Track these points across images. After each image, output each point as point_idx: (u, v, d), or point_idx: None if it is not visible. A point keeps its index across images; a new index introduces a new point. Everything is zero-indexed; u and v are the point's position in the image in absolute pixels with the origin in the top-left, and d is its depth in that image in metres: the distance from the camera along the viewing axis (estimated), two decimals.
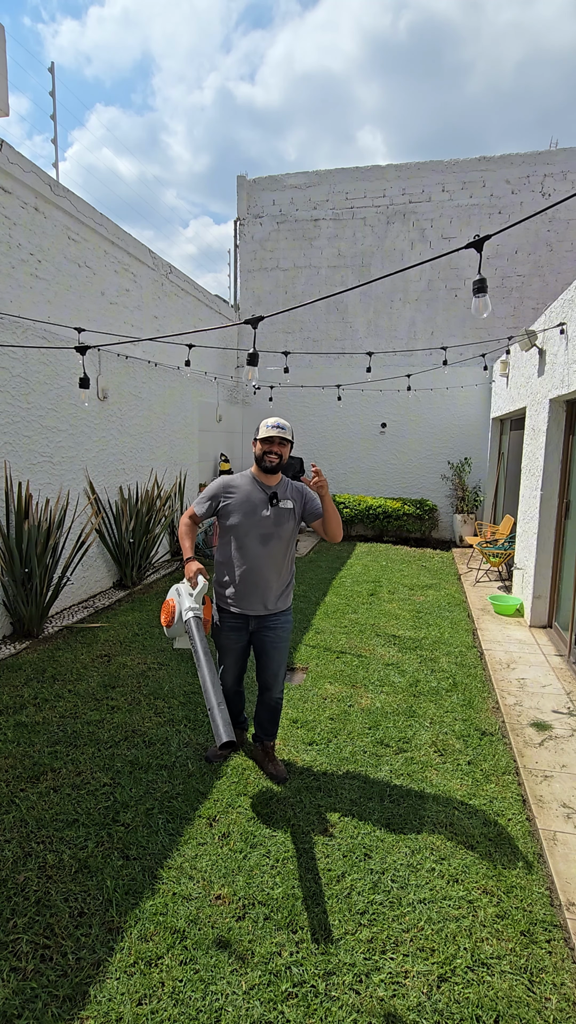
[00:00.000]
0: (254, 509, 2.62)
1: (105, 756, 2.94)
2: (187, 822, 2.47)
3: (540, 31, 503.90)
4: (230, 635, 2.75)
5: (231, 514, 2.64)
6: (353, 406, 9.82)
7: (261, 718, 2.87)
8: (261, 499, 2.64)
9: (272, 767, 2.84)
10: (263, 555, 2.63)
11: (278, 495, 2.65)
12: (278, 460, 2.61)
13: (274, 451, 2.60)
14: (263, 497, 2.64)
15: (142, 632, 4.75)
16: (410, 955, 1.88)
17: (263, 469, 2.64)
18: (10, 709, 3.41)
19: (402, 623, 5.20)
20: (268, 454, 2.60)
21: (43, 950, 1.87)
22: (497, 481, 8.74)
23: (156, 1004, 1.71)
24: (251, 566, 2.64)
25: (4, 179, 4.77)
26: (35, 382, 4.78)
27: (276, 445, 2.60)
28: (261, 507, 2.63)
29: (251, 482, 2.68)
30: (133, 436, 6.38)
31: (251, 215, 10.03)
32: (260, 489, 2.66)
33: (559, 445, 4.86)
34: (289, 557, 2.73)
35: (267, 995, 1.74)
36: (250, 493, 2.65)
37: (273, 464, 2.61)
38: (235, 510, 2.64)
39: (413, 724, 3.37)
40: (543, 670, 4.15)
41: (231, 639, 2.76)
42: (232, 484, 2.69)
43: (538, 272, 9.03)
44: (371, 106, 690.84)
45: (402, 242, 9.48)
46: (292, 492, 2.72)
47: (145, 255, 7.08)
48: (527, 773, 2.87)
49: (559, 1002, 1.75)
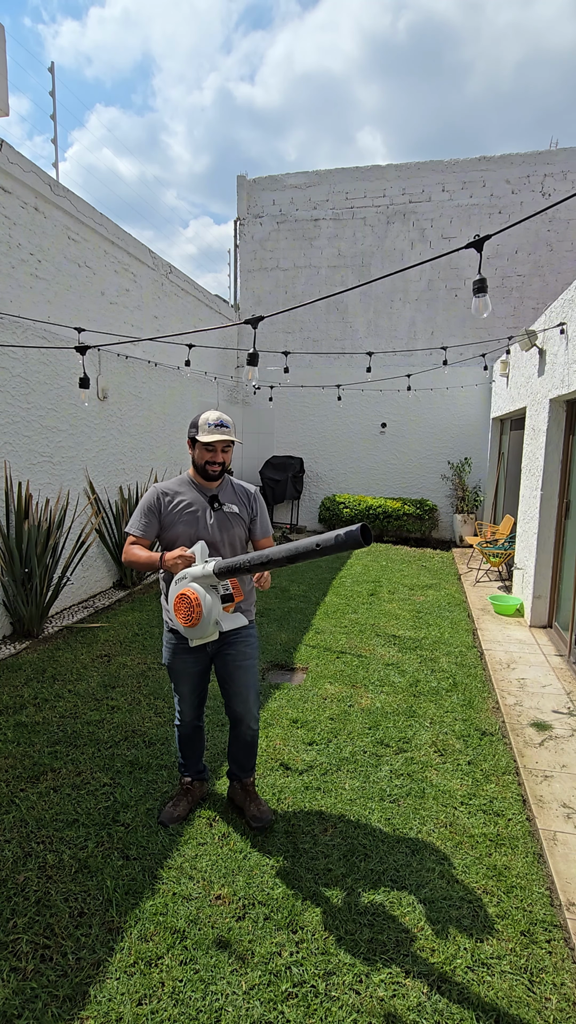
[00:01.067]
0: (195, 517, 2.30)
1: (105, 756, 2.94)
2: (187, 822, 2.47)
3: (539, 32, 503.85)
4: (185, 658, 2.37)
5: (172, 525, 2.31)
6: (353, 406, 9.82)
7: (236, 755, 2.52)
8: (203, 506, 2.33)
9: (255, 808, 2.46)
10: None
11: (219, 498, 2.36)
12: (220, 469, 2.31)
13: (217, 460, 2.28)
14: (203, 501, 2.34)
15: (142, 632, 4.75)
16: (410, 955, 1.88)
17: (204, 477, 2.34)
18: (10, 709, 3.41)
19: (402, 623, 5.20)
20: (210, 464, 2.28)
21: (43, 950, 1.87)
22: (497, 481, 8.74)
23: (156, 1004, 1.71)
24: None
25: (4, 179, 4.77)
26: (35, 382, 4.78)
27: (220, 452, 2.28)
28: (203, 513, 2.32)
29: (190, 487, 2.37)
30: (133, 436, 6.38)
31: (251, 215, 10.03)
32: (199, 492, 2.35)
33: (559, 445, 4.86)
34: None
35: (267, 995, 1.74)
36: (190, 499, 2.33)
37: (215, 473, 2.31)
38: (175, 520, 2.30)
39: (413, 724, 3.37)
40: (543, 670, 4.15)
41: (186, 663, 2.38)
42: (168, 490, 2.35)
43: (538, 272, 9.03)
44: (371, 107, 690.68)
45: (402, 242, 9.48)
46: (239, 495, 2.43)
47: (145, 255, 7.08)
48: (527, 773, 2.87)
49: (559, 1002, 1.75)
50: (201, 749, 2.62)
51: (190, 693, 2.45)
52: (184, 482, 2.39)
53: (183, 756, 2.58)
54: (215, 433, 2.26)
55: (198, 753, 2.60)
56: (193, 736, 2.56)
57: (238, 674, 2.36)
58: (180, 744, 2.57)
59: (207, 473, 2.32)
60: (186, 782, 2.58)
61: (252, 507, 2.44)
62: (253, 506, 2.45)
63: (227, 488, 2.42)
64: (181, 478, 2.42)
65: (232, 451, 2.39)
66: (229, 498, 2.39)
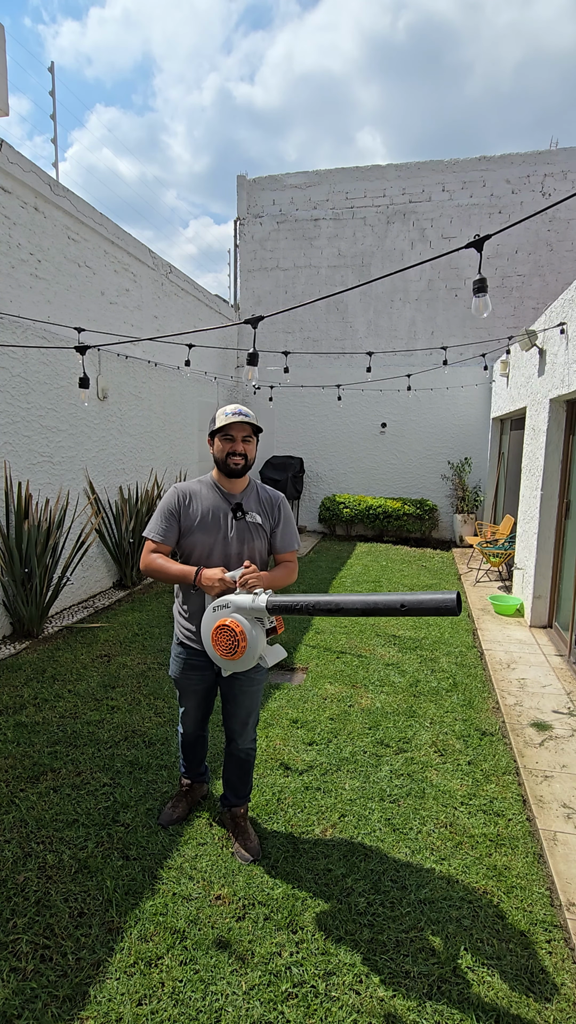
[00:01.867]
0: (216, 524, 2.12)
1: (105, 756, 2.94)
2: (187, 822, 2.47)
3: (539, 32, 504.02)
4: (191, 675, 2.25)
5: (190, 531, 2.12)
6: (353, 406, 9.82)
7: (229, 776, 2.39)
8: (222, 510, 2.14)
9: (243, 841, 2.30)
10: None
11: (243, 506, 2.14)
12: (243, 462, 2.10)
13: (239, 450, 2.08)
14: (225, 508, 2.14)
15: (142, 632, 4.75)
16: (410, 955, 1.88)
17: (225, 472, 2.13)
18: (10, 709, 3.41)
19: (402, 623, 5.19)
20: (232, 455, 2.08)
21: (43, 950, 1.87)
22: (497, 481, 8.74)
23: (156, 1004, 1.71)
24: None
25: (4, 179, 4.76)
26: (35, 382, 4.78)
27: (239, 442, 2.08)
28: (223, 520, 2.12)
29: (211, 489, 2.18)
30: (133, 436, 6.38)
31: (251, 215, 10.03)
32: (221, 497, 2.15)
33: (559, 445, 4.86)
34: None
35: (267, 995, 1.74)
36: (211, 504, 2.14)
37: (238, 467, 2.09)
38: (196, 525, 2.12)
39: (413, 724, 3.37)
40: (543, 670, 4.15)
41: (192, 679, 2.26)
42: (188, 491, 2.17)
43: (538, 272, 9.03)
44: (370, 107, 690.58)
45: (402, 242, 9.48)
46: (263, 504, 2.21)
47: (145, 255, 7.08)
48: (527, 773, 2.87)
49: (559, 1002, 1.74)
50: (203, 754, 2.57)
51: (194, 709, 2.35)
52: (207, 484, 2.20)
53: (184, 759, 2.55)
54: (232, 417, 2.05)
55: (200, 757, 2.56)
56: (196, 744, 2.51)
57: (242, 697, 2.24)
58: (182, 749, 2.53)
59: (229, 468, 2.10)
60: (185, 784, 2.56)
61: (275, 516, 2.22)
62: (276, 515, 2.22)
63: (252, 494, 2.21)
64: (204, 479, 2.22)
65: (255, 445, 2.16)
66: (253, 506, 2.18)
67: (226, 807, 2.42)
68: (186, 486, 2.19)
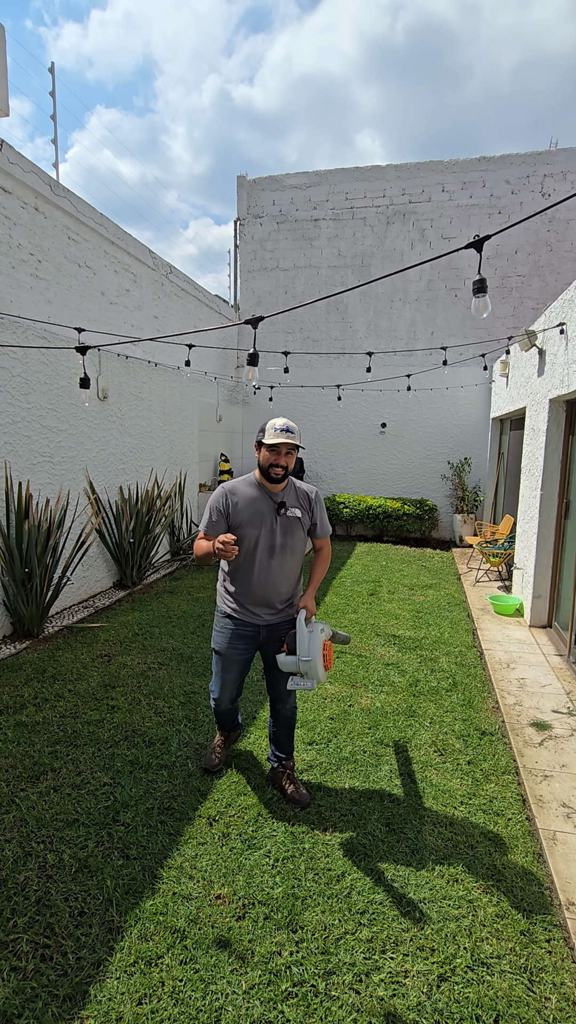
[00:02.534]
0: (261, 519, 2.44)
1: (105, 756, 2.95)
2: (187, 822, 2.47)
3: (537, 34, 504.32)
4: (237, 644, 2.56)
5: (238, 526, 2.44)
6: (353, 406, 9.82)
7: (277, 735, 2.71)
8: (269, 508, 2.45)
9: (295, 791, 2.64)
10: (273, 567, 2.48)
11: (287, 504, 2.47)
12: (284, 472, 2.40)
13: (281, 463, 2.38)
14: (271, 506, 2.45)
15: (142, 632, 4.75)
16: (410, 954, 1.89)
17: (268, 479, 2.45)
18: (10, 709, 3.41)
19: (402, 623, 5.20)
20: (274, 467, 2.38)
21: (43, 950, 1.87)
22: (497, 481, 8.74)
23: (156, 1003, 1.71)
24: (261, 578, 2.48)
25: (4, 179, 4.77)
26: (35, 382, 4.78)
27: (283, 456, 2.37)
28: (269, 517, 2.45)
29: (256, 488, 2.48)
30: (133, 436, 6.38)
31: (251, 215, 10.04)
32: (267, 497, 2.46)
33: (559, 445, 4.87)
34: (299, 564, 2.59)
35: (267, 995, 1.74)
36: (256, 501, 2.45)
37: (279, 476, 2.40)
38: (244, 521, 2.43)
39: (413, 724, 3.37)
40: (543, 670, 4.15)
41: (238, 648, 2.57)
42: (235, 491, 2.48)
43: (538, 272, 9.03)
44: (370, 109, 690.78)
45: (402, 242, 9.48)
46: (301, 499, 2.54)
47: (145, 255, 7.08)
48: (527, 773, 2.87)
49: (559, 1002, 1.75)
50: (236, 715, 2.92)
51: (232, 681, 2.65)
52: (251, 483, 2.50)
53: (219, 722, 2.89)
54: (280, 436, 2.35)
55: (234, 718, 2.91)
56: (229, 712, 2.82)
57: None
58: (218, 717, 2.86)
59: (270, 476, 2.41)
60: (221, 735, 2.92)
61: (312, 511, 2.57)
62: (313, 509, 2.57)
63: (290, 492, 2.53)
64: (248, 479, 2.52)
65: (295, 456, 2.45)
66: (292, 502, 2.50)
67: (277, 762, 2.74)
68: (232, 487, 2.51)
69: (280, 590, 2.53)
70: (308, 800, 2.61)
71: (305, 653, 2.35)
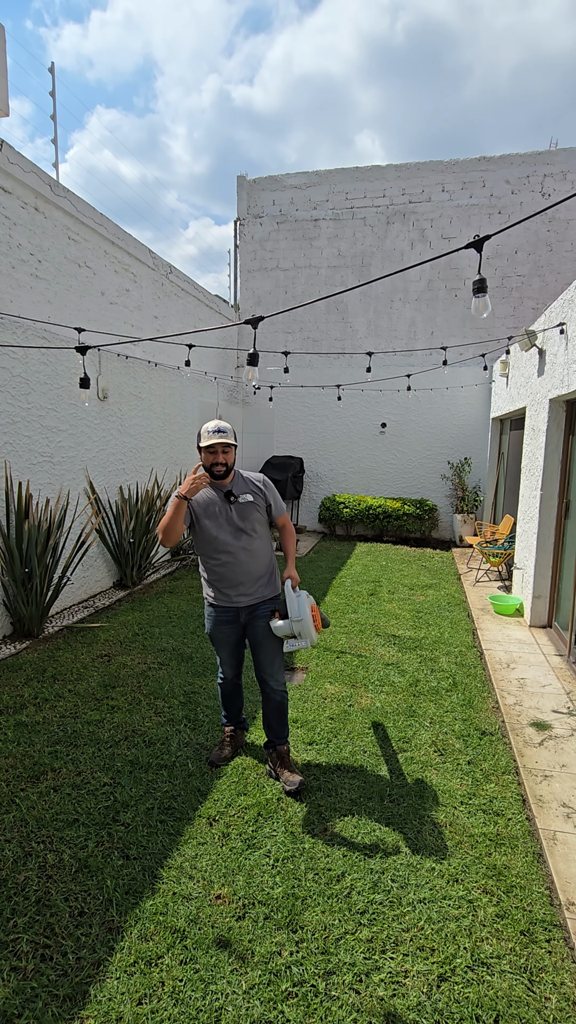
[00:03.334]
0: (217, 511, 2.70)
1: (105, 756, 2.95)
2: (187, 822, 2.47)
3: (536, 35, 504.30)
4: (222, 628, 2.81)
5: (198, 519, 2.71)
6: (353, 406, 9.82)
7: (269, 719, 2.84)
8: (221, 499, 2.71)
9: (289, 771, 2.75)
10: (238, 548, 2.71)
11: (234, 492, 2.72)
12: (225, 469, 2.66)
13: (219, 460, 2.64)
14: (219, 496, 2.72)
15: (142, 632, 4.75)
16: (410, 955, 1.89)
17: (213, 476, 2.69)
18: (10, 709, 3.41)
19: (402, 623, 5.20)
20: (215, 465, 2.65)
21: (43, 949, 1.87)
22: (497, 481, 8.74)
23: (156, 1003, 1.71)
24: (229, 560, 2.72)
25: (4, 179, 4.77)
26: (35, 382, 4.78)
27: (220, 454, 2.64)
28: (223, 507, 2.70)
29: (208, 487, 2.74)
30: (133, 436, 6.38)
31: (251, 215, 10.03)
32: (215, 489, 2.73)
33: (559, 445, 4.87)
34: (265, 545, 2.82)
35: (267, 994, 1.74)
36: (208, 497, 2.72)
37: (221, 473, 2.66)
38: (200, 515, 2.71)
39: (413, 724, 3.37)
40: (543, 670, 4.15)
41: (224, 632, 2.82)
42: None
43: (538, 272, 9.03)
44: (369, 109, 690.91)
45: (402, 242, 9.48)
46: (251, 485, 2.78)
47: (145, 255, 7.08)
48: (527, 773, 2.87)
49: (559, 1002, 1.75)
50: (240, 704, 3.07)
51: (229, 657, 2.89)
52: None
53: (225, 709, 3.04)
54: (213, 437, 2.63)
55: (238, 707, 3.05)
56: (233, 693, 3.01)
57: (266, 642, 2.76)
58: (223, 700, 3.03)
59: (214, 473, 2.67)
60: (228, 731, 3.02)
61: (264, 494, 2.81)
62: (265, 494, 2.81)
63: (239, 482, 2.77)
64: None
65: (233, 452, 2.71)
66: (242, 489, 2.74)
67: (271, 748, 2.86)
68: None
69: (251, 571, 2.75)
70: (301, 784, 2.69)
71: (296, 614, 2.65)
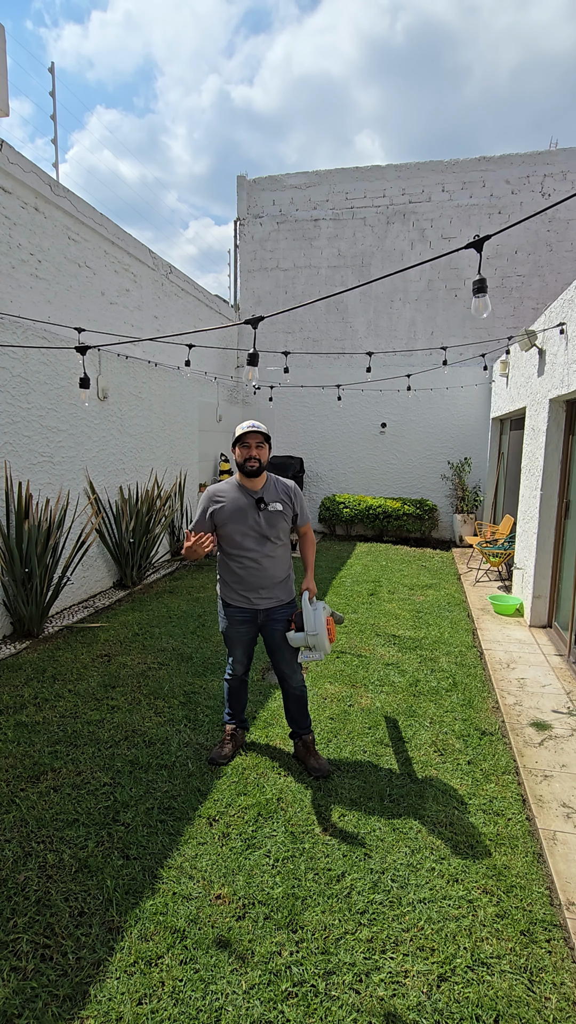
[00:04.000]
0: (244, 515, 2.67)
1: (105, 756, 2.95)
2: (187, 822, 2.47)
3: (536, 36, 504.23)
4: (239, 628, 2.83)
5: (224, 523, 2.69)
6: (353, 406, 9.82)
7: (291, 712, 2.94)
8: (250, 505, 2.68)
9: (315, 761, 2.86)
10: (261, 554, 2.72)
11: (265, 499, 2.70)
12: (258, 464, 2.64)
13: (253, 455, 2.62)
14: (250, 502, 2.69)
15: (142, 632, 4.75)
16: (410, 954, 1.89)
17: (245, 473, 2.67)
18: (10, 709, 3.41)
19: (402, 623, 5.20)
20: (248, 460, 2.62)
21: (43, 949, 1.87)
22: (497, 481, 8.74)
23: (156, 1003, 1.71)
24: (251, 565, 2.73)
25: (4, 179, 4.77)
26: (35, 382, 4.78)
27: (254, 448, 2.62)
28: (251, 512, 2.68)
29: (237, 489, 2.72)
30: (133, 436, 6.38)
31: (251, 215, 10.03)
32: (247, 495, 2.70)
33: (559, 445, 4.86)
34: (287, 551, 2.85)
35: (267, 994, 1.74)
36: (237, 500, 2.69)
37: (254, 468, 2.63)
38: (226, 519, 2.68)
39: (413, 724, 3.37)
40: (543, 670, 4.15)
41: (240, 632, 2.84)
42: (219, 492, 2.74)
43: (538, 272, 9.03)
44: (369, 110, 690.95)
45: (402, 242, 9.48)
46: (280, 494, 2.76)
47: (145, 255, 7.08)
48: (527, 773, 2.87)
49: (559, 1001, 1.75)
50: (245, 702, 3.09)
51: (242, 654, 2.92)
52: (233, 485, 2.75)
53: (230, 707, 3.05)
54: (246, 427, 2.61)
55: (242, 705, 3.07)
56: (239, 689, 3.03)
57: (284, 644, 2.81)
58: (228, 697, 3.04)
59: (246, 469, 2.64)
60: (230, 729, 3.03)
61: (293, 503, 2.80)
62: (294, 502, 2.80)
63: (271, 488, 2.75)
64: (232, 481, 2.77)
65: (267, 450, 2.68)
66: (272, 497, 2.73)
67: (296, 737, 2.96)
68: (217, 488, 2.77)
69: (272, 576, 2.78)
70: (327, 769, 2.82)
71: (312, 628, 2.69)
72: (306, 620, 2.70)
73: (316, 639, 2.69)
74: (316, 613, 2.71)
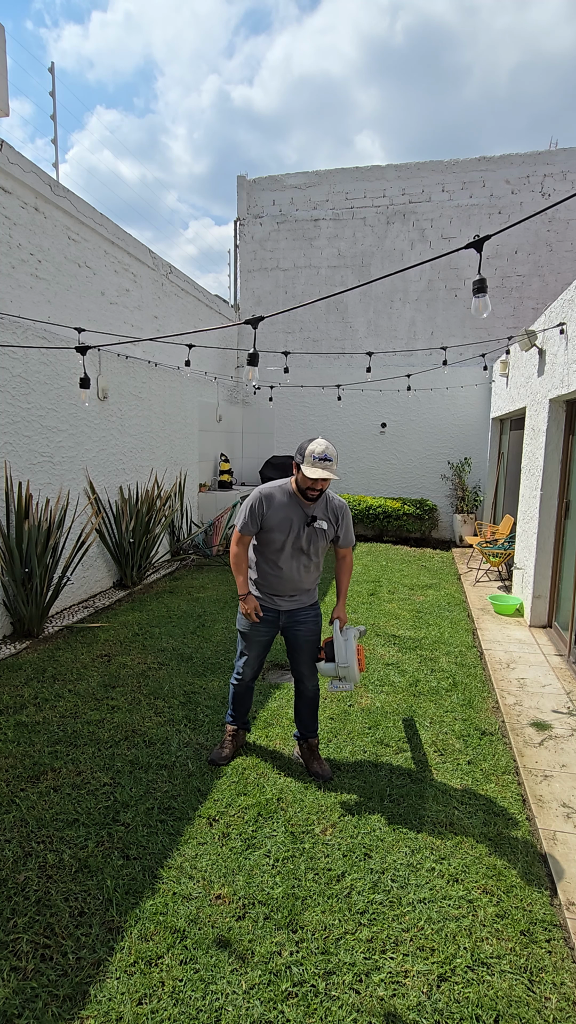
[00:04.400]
0: (290, 527, 2.67)
1: (105, 756, 2.95)
2: (187, 822, 2.47)
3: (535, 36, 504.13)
4: (258, 628, 2.83)
5: (271, 529, 2.69)
6: (353, 406, 9.82)
7: (301, 713, 2.92)
8: (299, 518, 2.67)
9: (318, 766, 2.85)
10: (296, 565, 2.74)
11: (317, 517, 2.69)
12: (319, 494, 2.63)
13: (317, 487, 2.60)
14: (301, 516, 2.68)
15: (142, 632, 4.75)
16: (410, 955, 1.89)
17: (304, 497, 2.65)
18: (10, 709, 3.41)
19: (402, 623, 5.20)
20: (311, 490, 2.60)
21: (43, 950, 1.87)
22: (497, 481, 8.74)
23: (156, 1003, 1.71)
24: (284, 571, 2.75)
25: (4, 179, 4.77)
26: (35, 382, 4.78)
27: (320, 481, 2.58)
28: (298, 526, 2.67)
29: (290, 498, 2.69)
30: (133, 436, 6.38)
31: (251, 215, 10.03)
32: (299, 508, 2.69)
33: (559, 445, 4.86)
34: (319, 568, 2.87)
35: (267, 995, 1.74)
36: (288, 509, 2.68)
37: (315, 497, 2.63)
38: (274, 526, 2.68)
39: (413, 724, 3.37)
40: (543, 670, 4.15)
41: (259, 632, 2.84)
42: (271, 498, 2.69)
43: (538, 272, 9.03)
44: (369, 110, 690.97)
45: (402, 242, 9.48)
46: (330, 512, 2.75)
47: (145, 255, 7.08)
48: (527, 773, 2.87)
49: (559, 1001, 1.75)
50: (248, 705, 3.04)
51: (255, 659, 2.90)
52: (287, 492, 2.70)
53: (233, 708, 3.01)
54: (318, 468, 2.51)
55: (246, 707, 3.03)
56: (245, 694, 2.99)
57: (306, 646, 2.83)
58: (233, 699, 3.01)
59: (307, 496, 2.63)
60: (231, 730, 3.00)
61: (339, 524, 2.79)
62: (340, 523, 2.79)
63: (322, 504, 2.73)
64: (284, 487, 2.71)
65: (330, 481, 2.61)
66: (322, 514, 2.72)
67: (302, 739, 2.93)
68: (270, 492, 2.70)
69: (300, 586, 2.80)
70: (330, 774, 2.82)
71: (343, 660, 2.67)
72: (337, 651, 2.68)
73: (347, 671, 2.67)
74: (348, 643, 2.68)
